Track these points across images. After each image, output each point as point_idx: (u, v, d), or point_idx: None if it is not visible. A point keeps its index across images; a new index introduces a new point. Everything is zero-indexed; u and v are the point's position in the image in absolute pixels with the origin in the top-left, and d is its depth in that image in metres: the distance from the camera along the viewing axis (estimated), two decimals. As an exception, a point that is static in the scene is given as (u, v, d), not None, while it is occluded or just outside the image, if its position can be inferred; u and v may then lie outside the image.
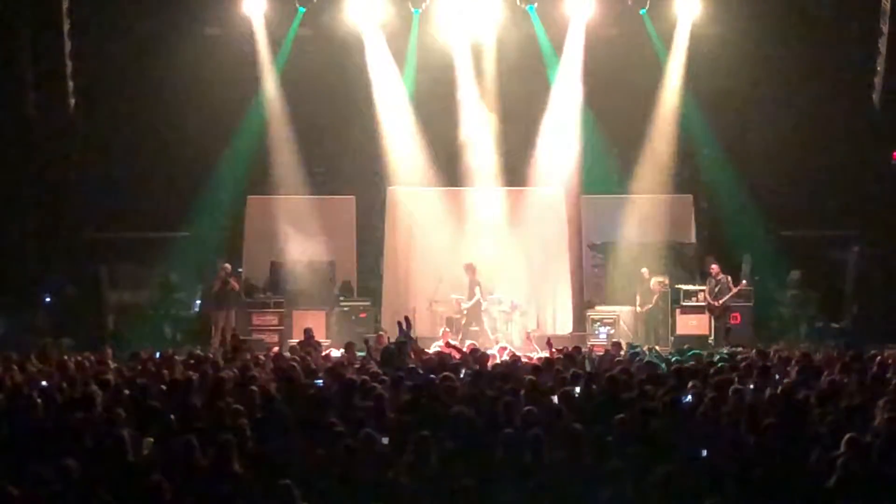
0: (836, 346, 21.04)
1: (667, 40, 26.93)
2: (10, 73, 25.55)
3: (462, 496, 9.56)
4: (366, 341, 21.01)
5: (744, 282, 25.27)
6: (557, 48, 27.01)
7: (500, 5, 26.21)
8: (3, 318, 24.26)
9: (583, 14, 26.39)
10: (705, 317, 25.37)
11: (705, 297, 25.26)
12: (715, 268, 25.35)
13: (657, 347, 22.21)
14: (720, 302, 25.00)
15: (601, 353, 20.20)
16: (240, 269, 26.51)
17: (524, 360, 19.08)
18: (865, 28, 26.59)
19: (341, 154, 27.35)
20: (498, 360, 19.20)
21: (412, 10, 26.23)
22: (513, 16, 26.41)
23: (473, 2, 26.11)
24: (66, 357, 18.18)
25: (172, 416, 12.46)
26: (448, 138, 26.89)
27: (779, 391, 14.40)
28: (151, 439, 11.65)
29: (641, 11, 26.37)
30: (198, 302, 26.38)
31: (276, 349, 21.84)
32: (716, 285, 25.13)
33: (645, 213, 27.38)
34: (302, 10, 26.28)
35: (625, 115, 27.15)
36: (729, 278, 25.19)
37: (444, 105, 26.67)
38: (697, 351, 19.63)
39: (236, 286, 25.15)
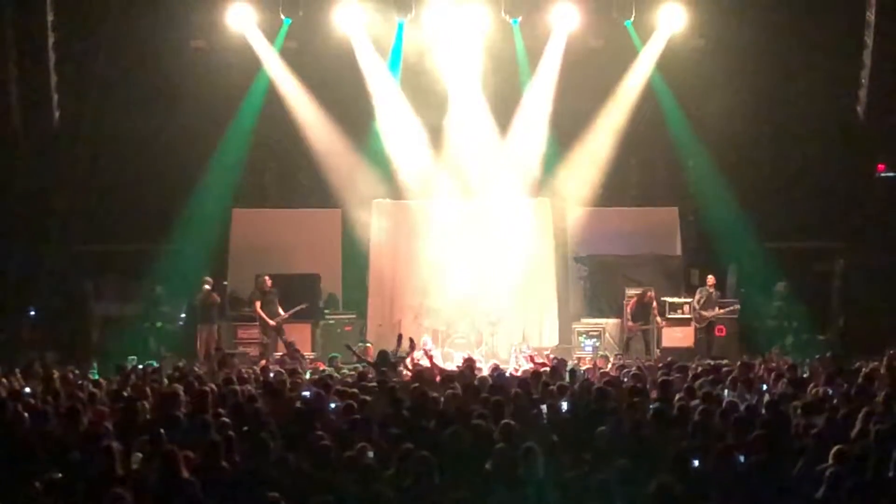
0: (821, 358, 21.04)
1: (652, 52, 26.95)
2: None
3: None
4: (349, 347, 21.30)
5: (733, 306, 25.32)
6: (543, 61, 26.96)
7: (487, 17, 26.12)
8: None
9: (567, 26, 26.37)
10: (691, 329, 25.37)
11: (692, 307, 25.30)
12: (711, 279, 25.40)
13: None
14: (709, 314, 25.03)
15: (589, 367, 20.19)
16: (225, 283, 26.46)
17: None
18: (850, 40, 26.69)
19: (327, 166, 27.22)
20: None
21: (397, 20, 26.18)
22: (499, 28, 26.35)
23: (459, 13, 26.02)
24: (51, 371, 18.10)
25: (158, 430, 12.41)
26: (434, 150, 26.83)
27: (765, 403, 14.44)
28: (140, 454, 11.61)
29: (626, 23, 26.38)
30: (183, 315, 26.30)
31: (263, 362, 21.85)
32: (706, 297, 25.17)
33: (630, 226, 27.43)
34: (287, 21, 26.18)
35: (609, 126, 27.16)
36: (718, 294, 25.26)
37: (429, 116, 26.63)
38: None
39: (218, 299, 25.11)
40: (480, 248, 26.11)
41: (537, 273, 26.44)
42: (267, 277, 24.97)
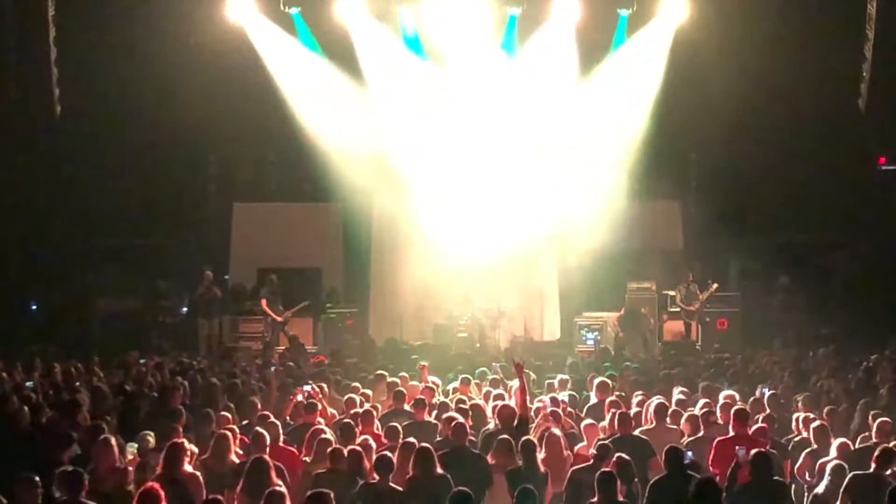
0: (823, 351, 21.01)
1: (653, 46, 26.84)
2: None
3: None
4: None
5: (711, 287, 25.24)
6: (544, 53, 26.85)
7: (487, 9, 25.97)
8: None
9: (568, 18, 26.20)
10: (693, 323, 25.34)
11: (678, 304, 25.31)
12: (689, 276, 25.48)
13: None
14: (695, 307, 25.01)
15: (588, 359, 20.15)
16: (226, 277, 26.46)
17: None
18: (851, 34, 26.66)
19: (328, 160, 27.12)
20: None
21: (398, 11, 26.06)
22: (500, 24, 26.26)
23: (461, 8, 25.87)
24: (52, 365, 18.11)
25: (159, 423, 12.46)
26: (434, 146, 26.75)
27: (766, 396, 14.45)
28: (136, 445, 11.62)
29: (621, 15, 26.21)
30: (184, 309, 26.32)
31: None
32: (686, 293, 25.17)
33: (632, 220, 27.34)
34: (297, 14, 25.90)
35: (611, 120, 27.08)
36: (696, 286, 25.25)
37: (430, 111, 26.56)
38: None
39: (219, 293, 25.09)
40: (482, 242, 26.03)
41: (539, 266, 26.38)
42: (274, 277, 24.99)
